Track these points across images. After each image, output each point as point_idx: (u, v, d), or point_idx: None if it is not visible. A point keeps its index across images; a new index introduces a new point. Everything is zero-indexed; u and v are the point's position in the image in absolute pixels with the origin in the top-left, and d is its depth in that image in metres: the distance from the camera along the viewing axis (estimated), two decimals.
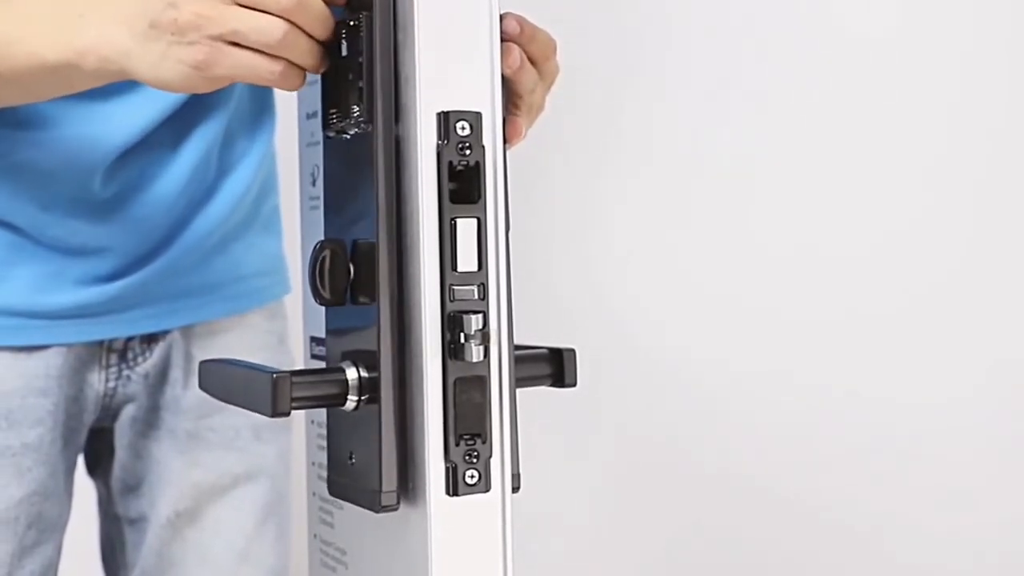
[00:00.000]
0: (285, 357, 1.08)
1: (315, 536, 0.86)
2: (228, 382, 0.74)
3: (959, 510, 1.61)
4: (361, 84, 0.71)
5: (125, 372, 1.00)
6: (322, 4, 0.71)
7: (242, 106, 1.02)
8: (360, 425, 0.72)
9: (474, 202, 0.70)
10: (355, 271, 0.72)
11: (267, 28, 0.69)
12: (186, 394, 1.01)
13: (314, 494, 0.85)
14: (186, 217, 0.98)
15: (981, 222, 1.62)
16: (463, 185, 0.70)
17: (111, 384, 0.99)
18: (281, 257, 1.10)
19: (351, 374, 0.71)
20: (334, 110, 0.74)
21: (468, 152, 0.69)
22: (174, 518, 1.01)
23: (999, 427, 1.61)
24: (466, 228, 0.69)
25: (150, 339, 1.00)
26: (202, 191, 0.98)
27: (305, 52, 0.71)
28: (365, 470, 0.71)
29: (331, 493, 0.77)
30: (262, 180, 1.04)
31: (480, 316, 0.69)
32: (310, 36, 0.71)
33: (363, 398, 0.71)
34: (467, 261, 0.69)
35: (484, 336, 0.69)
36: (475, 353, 0.69)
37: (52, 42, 0.74)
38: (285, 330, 1.09)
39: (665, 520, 1.65)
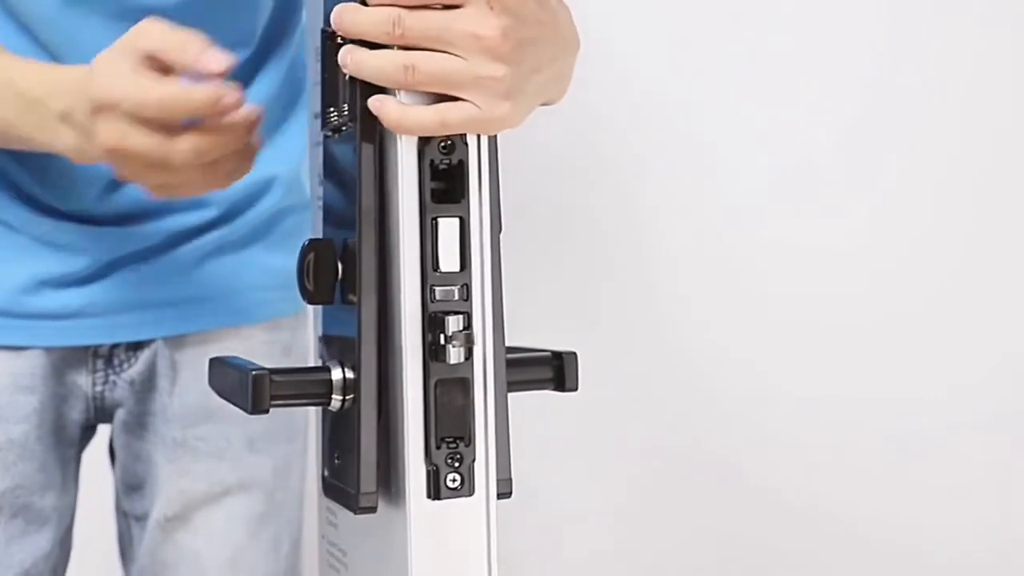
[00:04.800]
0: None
1: (323, 537, 0.86)
2: (222, 379, 0.74)
3: (981, 510, 1.60)
4: (349, 82, 0.71)
5: (111, 377, 1.01)
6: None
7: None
8: (344, 425, 0.72)
9: (457, 201, 0.69)
10: (343, 270, 0.72)
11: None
12: (173, 402, 1.01)
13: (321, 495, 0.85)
14: (168, 223, 0.98)
15: (983, 221, 1.60)
16: (447, 184, 0.69)
17: (98, 388, 1.00)
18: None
19: (336, 374, 0.71)
20: (331, 109, 0.74)
21: (450, 152, 0.68)
22: (164, 522, 1.01)
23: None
24: (448, 228, 0.68)
25: (135, 346, 1.01)
26: (187, 200, 0.98)
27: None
28: (347, 471, 0.71)
29: (324, 494, 0.76)
30: (280, 199, 1.03)
31: (462, 317, 0.68)
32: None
33: (347, 398, 0.71)
34: (449, 261, 0.68)
35: (467, 338, 0.68)
36: (456, 355, 0.67)
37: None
38: (294, 341, 1.07)
39: (675, 523, 1.64)
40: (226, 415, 1.00)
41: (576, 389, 0.76)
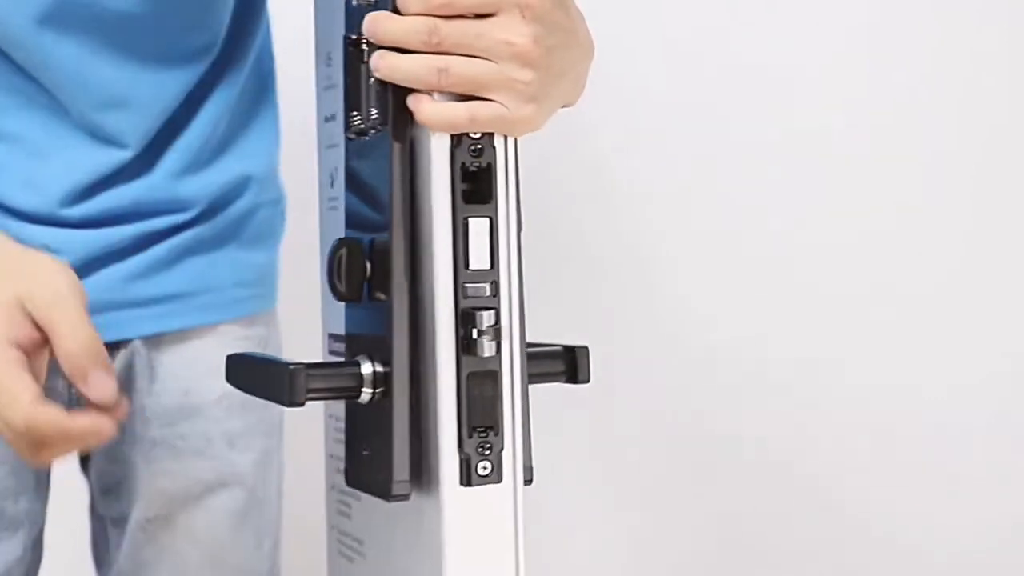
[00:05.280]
0: None
1: (333, 527, 0.88)
2: (249, 374, 0.76)
3: (982, 509, 1.64)
4: (378, 87, 0.74)
5: None
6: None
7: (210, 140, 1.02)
8: (374, 417, 0.74)
9: (486, 202, 0.72)
10: (372, 269, 0.75)
11: None
12: (152, 402, 1.01)
13: (332, 487, 0.88)
14: (144, 225, 0.98)
15: (982, 221, 1.65)
16: (476, 186, 0.72)
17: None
18: (269, 269, 1.09)
19: (366, 368, 0.73)
20: (355, 113, 0.76)
21: (479, 154, 0.72)
22: (145, 523, 1.01)
23: None
24: (478, 227, 0.72)
25: (113, 347, 0.99)
26: (164, 203, 0.99)
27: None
28: (379, 460, 0.74)
29: (348, 484, 0.79)
30: (255, 197, 1.05)
31: (492, 312, 0.71)
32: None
33: (378, 391, 0.73)
34: (479, 259, 0.72)
35: (496, 332, 0.71)
36: (487, 348, 0.71)
37: None
38: (269, 336, 1.08)
39: (680, 513, 1.66)
40: (205, 413, 1.01)
41: (588, 381, 0.80)
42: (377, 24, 0.71)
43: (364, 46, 0.75)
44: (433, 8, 0.69)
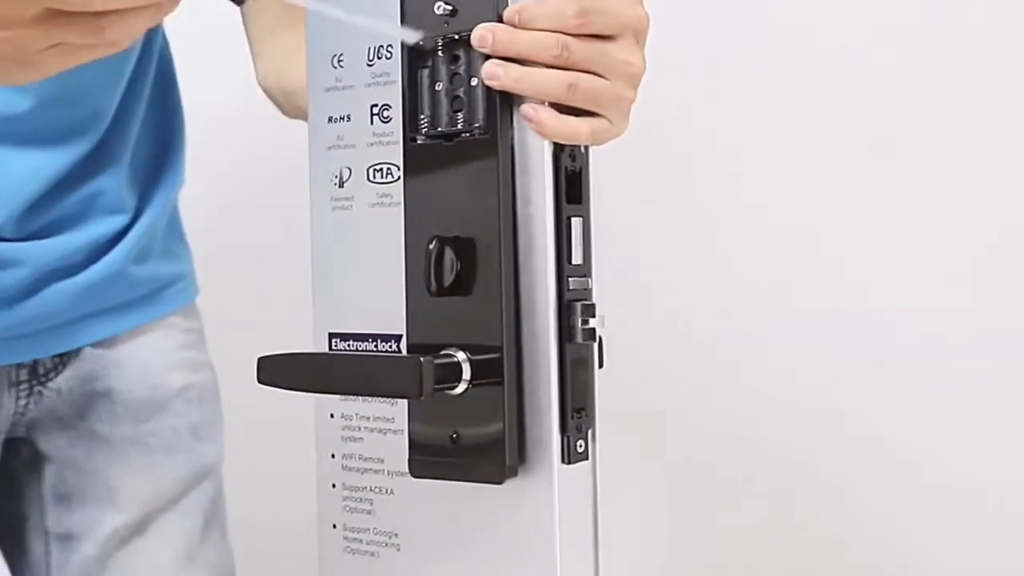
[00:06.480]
0: (205, 355, 1.07)
1: (335, 526, 0.89)
2: (365, 371, 0.77)
3: None
4: (460, 94, 0.79)
5: (36, 388, 0.96)
6: None
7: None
8: (469, 405, 0.78)
9: (579, 203, 0.79)
10: (461, 265, 0.79)
11: None
12: (121, 400, 0.99)
13: (333, 485, 0.89)
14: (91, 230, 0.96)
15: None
16: (572, 188, 0.79)
17: (23, 402, 0.96)
18: (191, 259, 1.10)
19: (461, 357, 0.78)
20: (423, 116, 0.80)
21: (575, 159, 0.79)
22: (121, 528, 0.99)
23: None
24: (576, 226, 0.79)
25: (63, 357, 0.97)
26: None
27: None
28: (479, 447, 0.78)
29: (416, 475, 0.81)
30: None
31: (592, 304, 0.79)
32: None
33: (473, 381, 0.78)
34: (577, 255, 0.79)
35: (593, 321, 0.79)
36: (586, 336, 0.78)
37: None
38: (201, 326, 1.09)
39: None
40: (169, 407, 1.01)
41: (602, 367, 0.89)
42: (497, 35, 0.75)
43: (440, 52, 0.79)
44: (568, 27, 0.75)
